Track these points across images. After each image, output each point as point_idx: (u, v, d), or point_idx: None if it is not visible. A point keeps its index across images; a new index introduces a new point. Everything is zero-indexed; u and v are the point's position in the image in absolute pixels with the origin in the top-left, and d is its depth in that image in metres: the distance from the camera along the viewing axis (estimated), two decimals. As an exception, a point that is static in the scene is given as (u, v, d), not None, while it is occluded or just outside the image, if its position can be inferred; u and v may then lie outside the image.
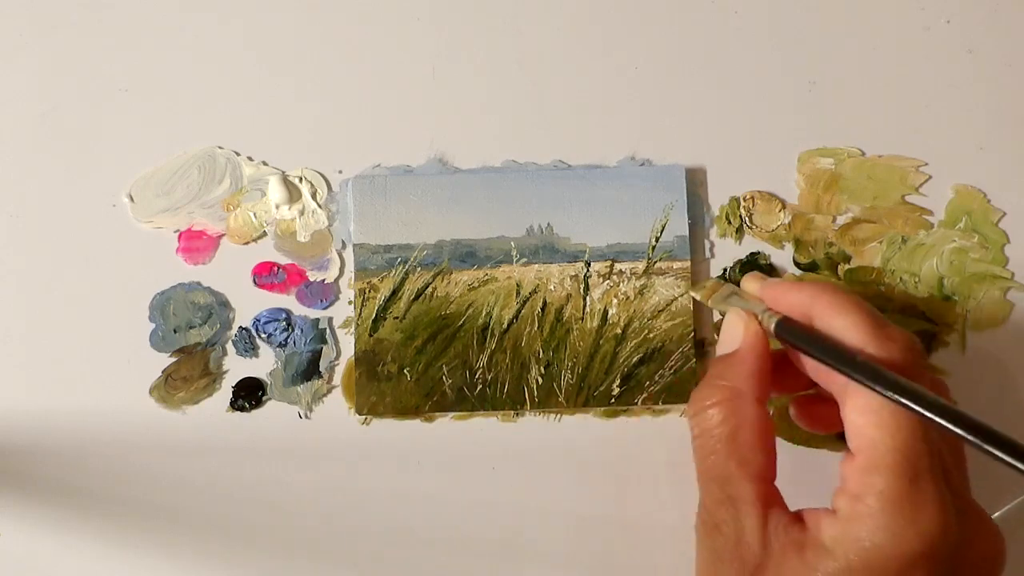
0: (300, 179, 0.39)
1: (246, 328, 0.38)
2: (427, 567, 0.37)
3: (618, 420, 0.38)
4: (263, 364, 0.38)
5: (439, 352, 0.38)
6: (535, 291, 0.38)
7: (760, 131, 0.40)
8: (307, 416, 0.38)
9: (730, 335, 0.32)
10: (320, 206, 0.39)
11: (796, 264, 0.39)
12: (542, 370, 0.38)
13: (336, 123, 0.40)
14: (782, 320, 0.30)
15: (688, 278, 0.38)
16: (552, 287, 0.38)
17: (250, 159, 0.40)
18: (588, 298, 0.38)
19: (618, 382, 0.37)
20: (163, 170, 0.39)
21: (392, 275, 0.38)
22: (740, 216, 0.39)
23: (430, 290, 0.38)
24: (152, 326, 0.38)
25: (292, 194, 0.39)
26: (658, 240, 0.38)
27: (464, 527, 0.37)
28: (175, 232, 0.39)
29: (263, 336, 0.38)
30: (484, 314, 0.38)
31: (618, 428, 0.38)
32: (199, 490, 0.37)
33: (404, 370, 0.38)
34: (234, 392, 0.38)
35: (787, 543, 0.28)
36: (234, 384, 0.38)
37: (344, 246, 0.39)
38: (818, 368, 0.30)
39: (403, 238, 0.38)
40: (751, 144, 0.40)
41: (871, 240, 0.39)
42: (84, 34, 0.41)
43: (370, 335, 0.38)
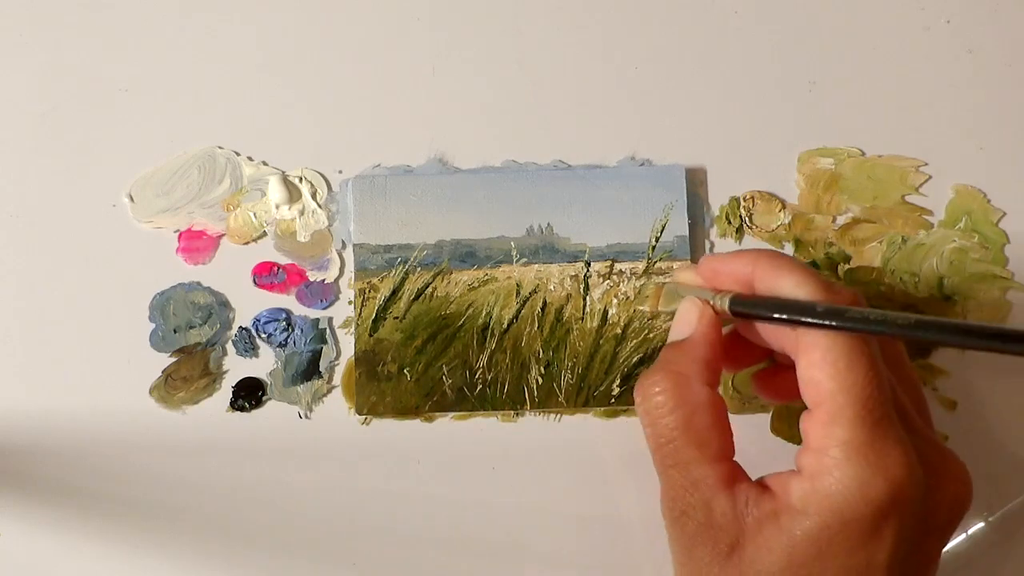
0: (300, 179, 0.39)
1: (246, 328, 0.38)
2: (427, 567, 0.37)
3: (618, 420, 0.38)
4: (263, 364, 0.38)
5: (439, 352, 0.38)
6: (535, 291, 0.38)
7: (760, 131, 0.40)
8: (307, 416, 0.38)
9: (682, 322, 0.31)
10: (320, 206, 0.39)
11: (796, 264, 0.39)
12: (542, 370, 0.38)
13: (336, 123, 0.40)
14: (735, 296, 0.30)
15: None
16: (552, 287, 0.38)
17: (250, 159, 0.40)
18: (588, 298, 0.38)
19: (618, 382, 0.37)
20: (163, 170, 0.39)
21: (392, 275, 0.38)
22: (740, 216, 0.39)
23: (430, 290, 0.38)
24: (152, 326, 0.38)
25: (292, 194, 0.39)
26: (658, 240, 0.38)
27: (464, 527, 0.37)
28: (175, 232, 0.39)
29: (263, 336, 0.38)
30: (484, 314, 0.38)
31: (618, 428, 0.38)
32: (199, 490, 0.37)
33: (404, 370, 0.38)
34: (234, 392, 0.38)
35: (760, 516, 0.28)
36: (234, 384, 0.38)
37: (344, 246, 0.39)
38: (774, 333, 0.30)
39: (403, 238, 0.38)
40: (751, 144, 0.40)
41: (871, 240, 0.39)
42: (84, 34, 0.41)
43: (370, 335, 0.38)
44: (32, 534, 0.37)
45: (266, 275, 0.39)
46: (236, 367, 0.38)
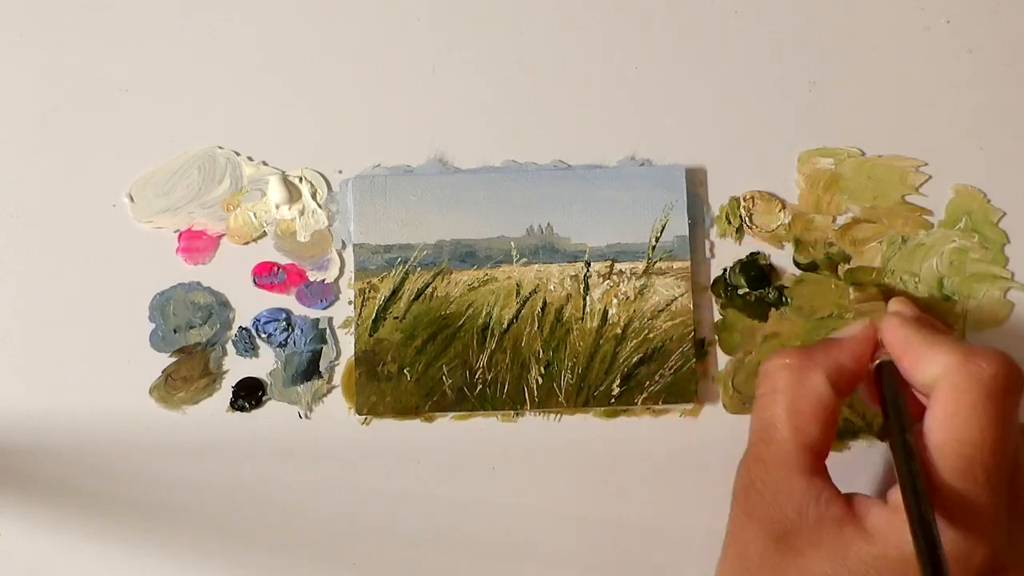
0: (300, 179, 0.39)
1: (246, 328, 0.38)
2: (427, 567, 0.37)
3: (618, 420, 0.38)
4: (263, 364, 0.38)
5: (439, 352, 0.38)
6: (535, 291, 0.38)
7: (760, 131, 0.40)
8: (307, 416, 0.38)
9: (849, 327, 0.33)
10: (320, 206, 0.39)
11: (796, 264, 0.39)
12: (542, 370, 0.38)
13: (336, 123, 0.40)
14: (886, 363, 0.31)
15: (688, 278, 0.38)
16: (552, 287, 0.38)
17: (250, 159, 0.40)
18: (588, 298, 0.38)
19: (618, 382, 0.37)
20: (163, 170, 0.39)
21: (392, 275, 0.38)
22: (740, 216, 0.39)
23: (430, 290, 0.38)
24: (152, 326, 0.38)
25: (292, 194, 0.39)
26: (658, 240, 0.38)
27: (464, 527, 0.37)
28: (175, 232, 0.39)
29: (263, 336, 0.38)
30: (484, 314, 0.38)
31: (618, 428, 0.38)
32: (199, 490, 0.37)
33: (404, 370, 0.38)
34: (234, 392, 0.38)
35: (826, 515, 0.28)
36: (234, 384, 0.38)
37: (344, 246, 0.39)
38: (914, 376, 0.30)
39: (403, 238, 0.38)
40: (751, 144, 0.40)
41: (871, 240, 0.39)
42: (84, 34, 0.41)
43: (370, 335, 0.38)
44: (32, 534, 0.37)
45: (266, 275, 0.39)
46: (236, 367, 0.38)
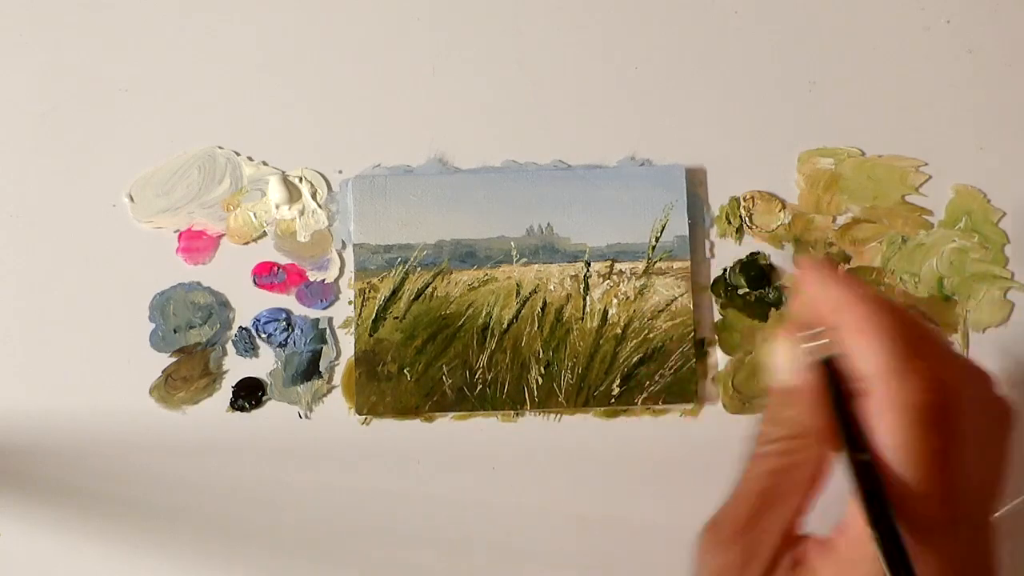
0: (300, 179, 0.39)
1: (246, 328, 0.38)
2: (427, 567, 0.37)
3: (618, 420, 0.38)
4: (263, 364, 0.38)
5: (439, 352, 0.38)
6: (535, 291, 0.38)
7: (760, 131, 0.40)
8: (307, 416, 0.38)
9: (780, 370, 0.29)
10: (320, 206, 0.39)
11: (796, 264, 0.39)
12: (542, 370, 0.38)
13: (336, 123, 0.40)
14: (822, 361, 0.28)
15: (688, 278, 0.38)
16: (552, 287, 0.38)
17: (250, 159, 0.40)
18: (588, 298, 0.38)
19: (618, 382, 0.37)
20: (163, 170, 0.39)
21: (392, 275, 0.38)
22: (740, 216, 0.39)
23: (430, 290, 0.38)
24: (152, 326, 0.38)
25: (292, 194, 0.39)
26: (658, 240, 0.38)
27: (464, 527, 0.37)
28: (175, 232, 0.39)
29: (263, 336, 0.38)
30: (484, 314, 0.38)
31: (618, 428, 0.38)
32: (199, 490, 0.37)
33: (404, 370, 0.38)
34: (234, 392, 0.38)
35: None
36: (234, 384, 0.38)
37: (344, 246, 0.39)
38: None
39: (403, 238, 0.38)
40: (751, 144, 0.40)
41: (871, 240, 0.39)
42: (84, 34, 0.41)
43: (370, 335, 0.38)
44: (32, 534, 0.37)
45: (266, 275, 0.39)
46: (236, 367, 0.38)
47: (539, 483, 0.38)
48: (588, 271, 0.38)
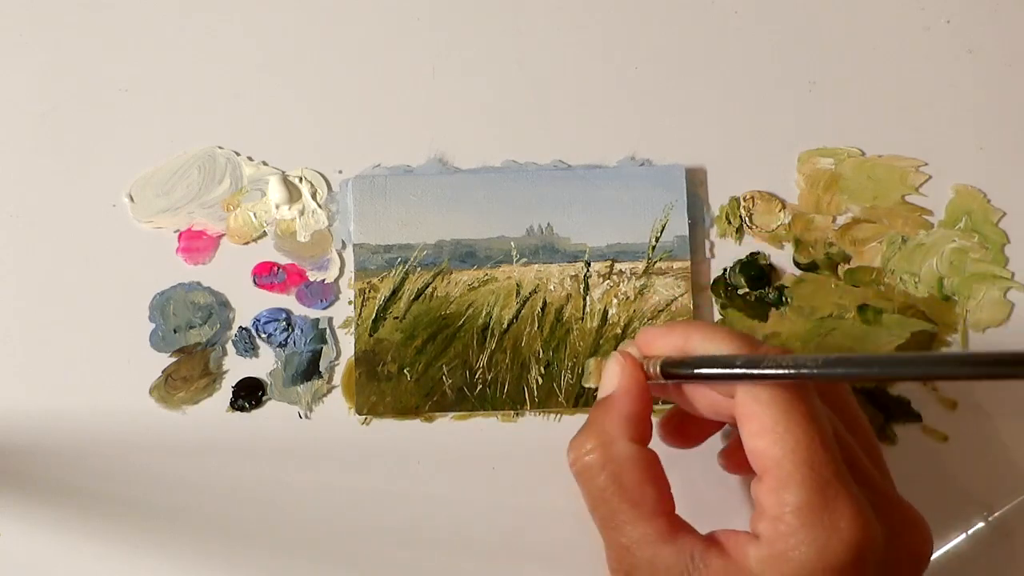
0: (300, 179, 0.39)
1: (246, 328, 0.38)
2: (427, 567, 0.37)
3: (618, 420, 0.38)
4: (263, 364, 0.38)
5: (439, 352, 0.38)
6: (535, 291, 0.38)
7: (760, 131, 0.40)
8: (307, 416, 0.38)
9: (607, 381, 0.31)
10: (320, 206, 0.39)
11: (796, 264, 0.39)
12: (542, 370, 0.38)
13: (336, 123, 0.40)
14: (665, 359, 0.30)
15: (688, 278, 0.38)
16: (552, 287, 0.38)
17: (250, 159, 0.40)
18: (588, 298, 0.38)
19: (618, 382, 0.37)
20: (163, 170, 0.39)
21: (392, 275, 0.38)
22: (740, 216, 0.39)
23: (430, 290, 0.38)
24: (152, 326, 0.38)
25: (292, 194, 0.39)
26: (658, 240, 0.38)
27: (464, 527, 0.37)
28: (175, 232, 0.39)
29: (263, 336, 0.38)
30: (484, 314, 0.38)
31: (618, 428, 0.38)
32: (199, 490, 0.37)
33: (404, 370, 0.38)
34: (234, 392, 0.38)
35: (710, 572, 0.27)
36: (234, 384, 0.38)
37: (344, 246, 0.39)
38: (711, 401, 0.30)
39: (403, 238, 0.38)
40: (751, 144, 0.40)
41: (871, 240, 0.39)
42: (84, 34, 0.41)
43: (370, 335, 0.38)
44: (32, 534, 0.37)
45: (266, 275, 0.39)
46: (236, 367, 0.38)
47: (539, 483, 0.38)
48: (588, 271, 0.38)
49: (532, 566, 0.37)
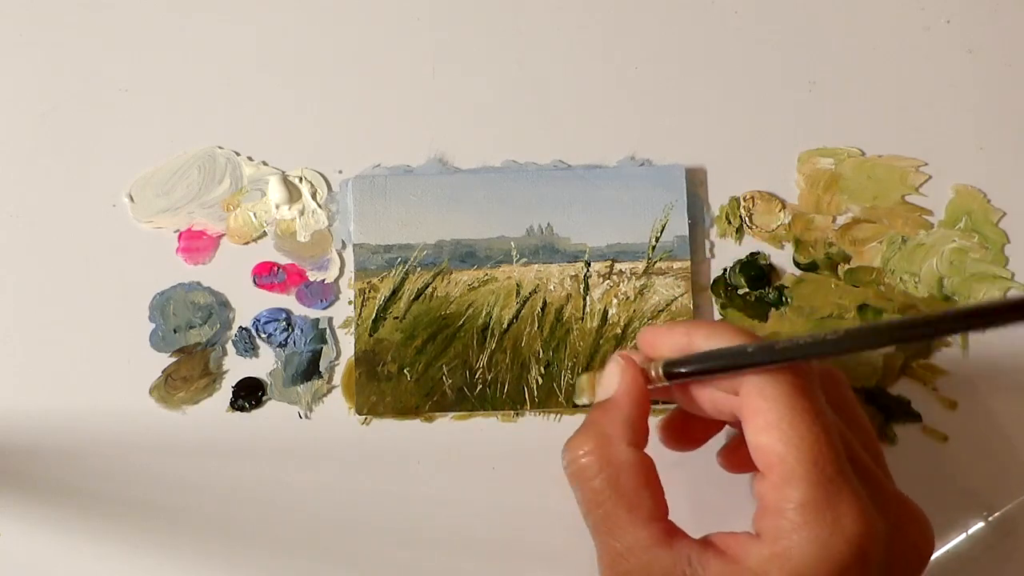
0: (300, 179, 0.39)
1: (246, 328, 0.38)
2: (427, 567, 0.37)
3: (618, 420, 0.38)
4: (263, 364, 0.38)
5: (439, 352, 0.38)
6: (535, 291, 0.38)
7: (760, 131, 0.40)
8: (307, 416, 0.38)
9: (607, 383, 0.31)
10: (320, 206, 0.39)
11: (796, 264, 0.39)
12: (542, 370, 0.38)
13: (336, 123, 0.40)
14: (668, 360, 0.30)
15: (688, 278, 0.38)
16: (552, 287, 0.38)
17: (250, 159, 0.40)
18: (588, 298, 0.38)
19: (618, 382, 0.37)
20: (163, 170, 0.39)
21: (392, 275, 0.38)
22: (740, 216, 0.39)
23: (430, 290, 0.38)
24: (152, 326, 0.38)
25: (292, 194, 0.39)
26: (658, 240, 0.38)
27: (464, 527, 0.37)
28: (175, 232, 0.39)
29: (263, 336, 0.38)
30: (484, 314, 0.38)
31: (618, 428, 0.38)
32: (199, 490, 0.37)
33: (404, 370, 0.38)
34: (234, 392, 0.38)
35: (709, 575, 0.27)
36: (234, 384, 0.38)
37: (344, 246, 0.39)
38: (714, 399, 0.30)
39: (403, 238, 0.38)
40: (751, 144, 0.40)
41: (871, 240, 0.39)
42: (84, 34, 0.41)
43: (370, 335, 0.38)
44: (32, 534, 0.37)
45: (266, 275, 0.39)
46: (236, 367, 0.38)
47: (539, 483, 0.38)
48: (588, 271, 0.38)
49: (532, 566, 0.37)
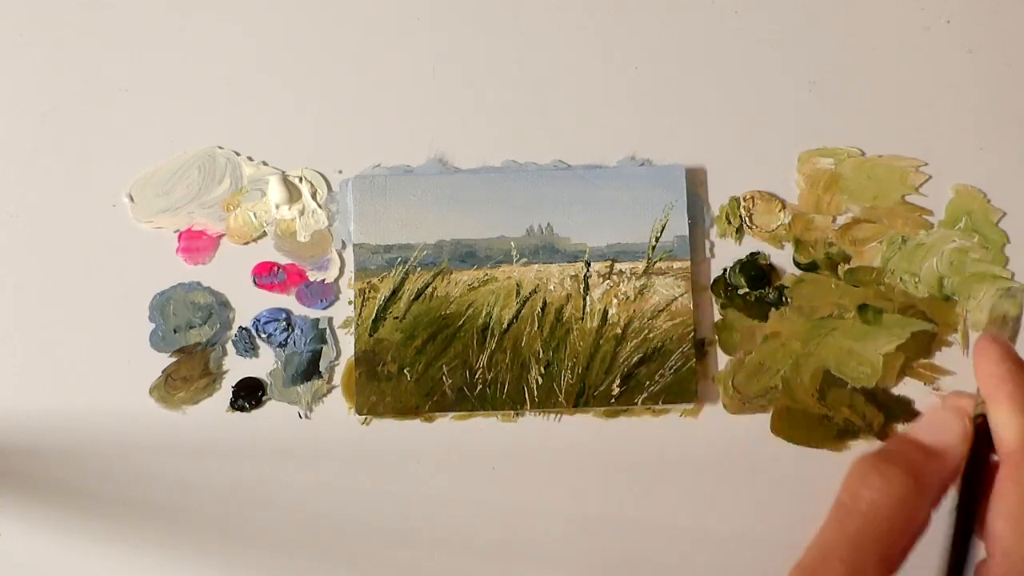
0: (300, 179, 0.39)
1: (246, 328, 0.38)
2: (427, 567, 0.37)
3: (618, 420, 0.38)
4: (263, 364, 0.38)
5: (439, 352, 0.38)
6: (535, 291, 0.38)
7: (760, 131, 0.40)
8: (307, 416, 0.38)
9: (949, 431, 0.29)
10: (320, 206, 0.39)
11: (796, 264, 0.39)
12: (542, 370, 0.38)
13: (336, 123, 0.40)
14: (982, 423, 0.29)
15: (688, 278, 0.38)
16: (552, 287, 0.38)
17: (250, 159, 0.40)
18: (588, 298, 0.38)
19: (618, 382, 0.37)
20: (163, 170, 0.39)
21: (392, 275, 0.38)
22: (740, 216, 0.39)
23: (430, 290, 0.38)
24: (152, 326, 0.38)
25: (292, 194, 0.39)
26: (658, 240, 0.38)
27: (464, 527, 0.37)
28: (175, 232, 0.39)
29: (263, 336, 0.38)
30: (484, 314, 0.38)
31: (618, 428, 0.38)
32: (199, 490, 0.37)
33: (404, 370, 0.38)
34: (234, 392, 0.38)
35: None
36: (234, 384, 0.38)
37: (344, 246, 0.39)
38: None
39: (403, 238, 0.38)
40: (751, 144, 0.40)
41: (871, 240, 0.39)
42: (84, 34, 0.41)
43: (370, 335, 0.38)
44: (32, 534, 0.37)
45: (266, 275, 0.39)
46: (236, 367, 0.38)
47: (539, 483, 0.38)
48: (588, 271, 0.38)
49: (532, 566, 0.37)
